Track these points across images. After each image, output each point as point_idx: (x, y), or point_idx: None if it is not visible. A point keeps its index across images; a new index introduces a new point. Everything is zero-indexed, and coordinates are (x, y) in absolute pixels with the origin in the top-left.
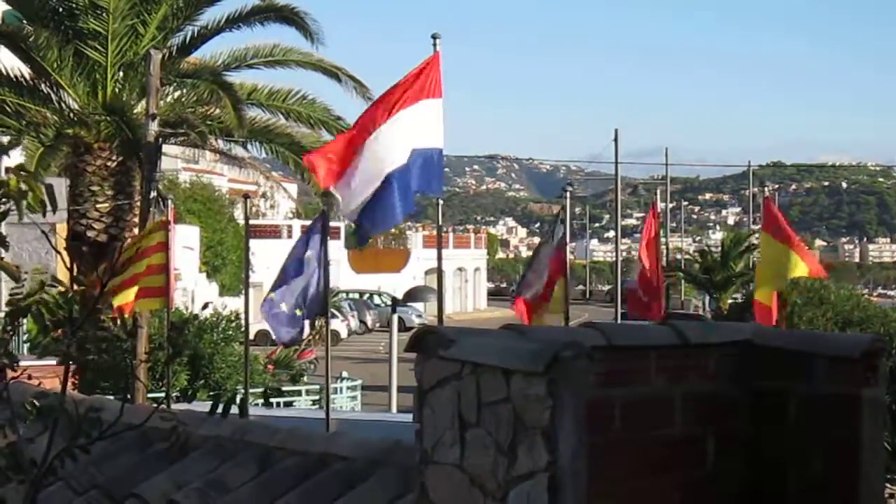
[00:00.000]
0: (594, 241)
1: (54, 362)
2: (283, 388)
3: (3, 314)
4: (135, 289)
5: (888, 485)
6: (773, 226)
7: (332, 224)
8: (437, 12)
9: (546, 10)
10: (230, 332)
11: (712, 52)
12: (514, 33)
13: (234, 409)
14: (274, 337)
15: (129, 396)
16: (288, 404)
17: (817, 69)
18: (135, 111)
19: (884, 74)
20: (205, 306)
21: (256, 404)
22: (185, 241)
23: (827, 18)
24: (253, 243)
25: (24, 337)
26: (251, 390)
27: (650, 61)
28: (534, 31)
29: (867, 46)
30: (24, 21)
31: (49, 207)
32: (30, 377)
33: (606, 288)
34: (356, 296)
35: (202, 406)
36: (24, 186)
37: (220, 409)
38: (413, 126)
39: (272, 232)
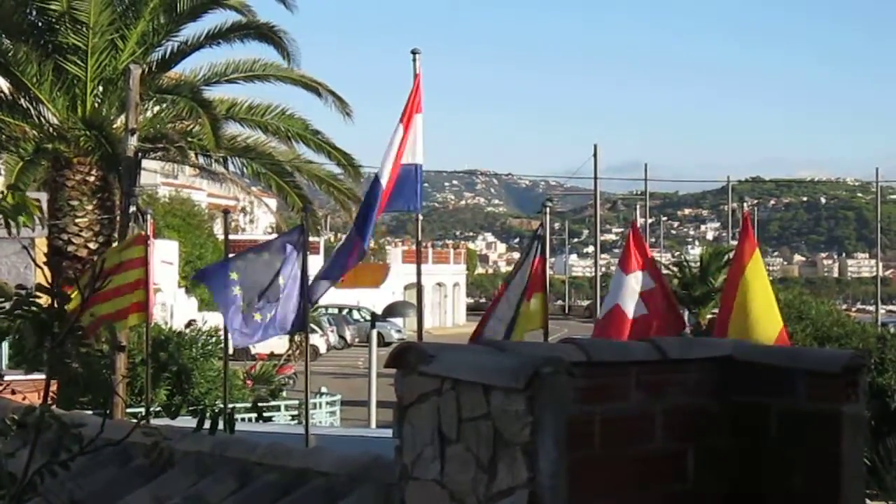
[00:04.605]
0: (573, 257)
1: (34, 377)
2: (263, 404)
3: None
4: (114, 304)
5: (868, 500)
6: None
7: (311, 239)
8: (414, 26)
9: (524, 25)
10: (209, 347)
11: (690, 67)
12: (492, 47)
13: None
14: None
15: (108, 411)
16: (267, 419)
17: (795, 85)
18: (114, 126)
19: (863, 91)
20: (188, 325)
21: (242, 419)
22: (164, 256)
23: (805, 35)
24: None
25: (8, 352)
26: (230, 405)
27: (629, 76)
28: (512, 45)
29: (846, 63)
30: (3, 35)
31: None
32: (13, 392)
33: (586, 303)
34: (335, 311)
35: (185, 422)
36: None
37: (206, 426)
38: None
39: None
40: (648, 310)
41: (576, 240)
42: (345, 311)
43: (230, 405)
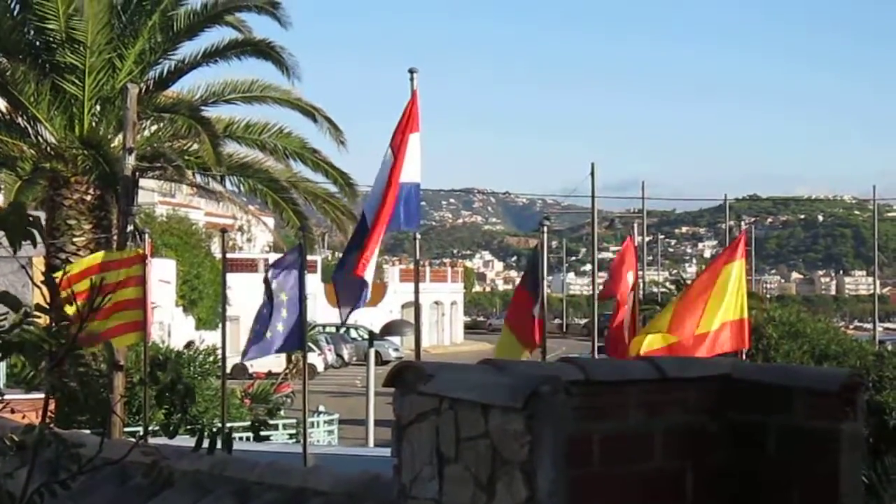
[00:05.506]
0: (570, 275)
1: (33, 396)
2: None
3: None
4: (112, 321)
5: None
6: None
7: (308, 258)
8: (411, 44)
9: (522, 43)
10: (207, 366)
11: (688, 83)
12: (489, 65)
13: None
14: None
15: (106, 430)
16: (265, 438)
17: (791, 103)
18: (112, 145)
19: (860, 108)
20: (187, 345)
21: (241, 438)
22: (162, 275)
23: (803, 50)
24: (230, 277)
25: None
26: (228, 424)
27: (626, 93)
28: (509, 63)
29: (843, 79)
30: (1, 55)
31: (38, 239)
32: (12, 411)
33: (583, 321)
34: (333, 329)
35: (183, 442)
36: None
37: (205, 445)
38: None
39: (249, 266)
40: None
41: (573, 258)
42: (342, 330)
43: (228, 424)
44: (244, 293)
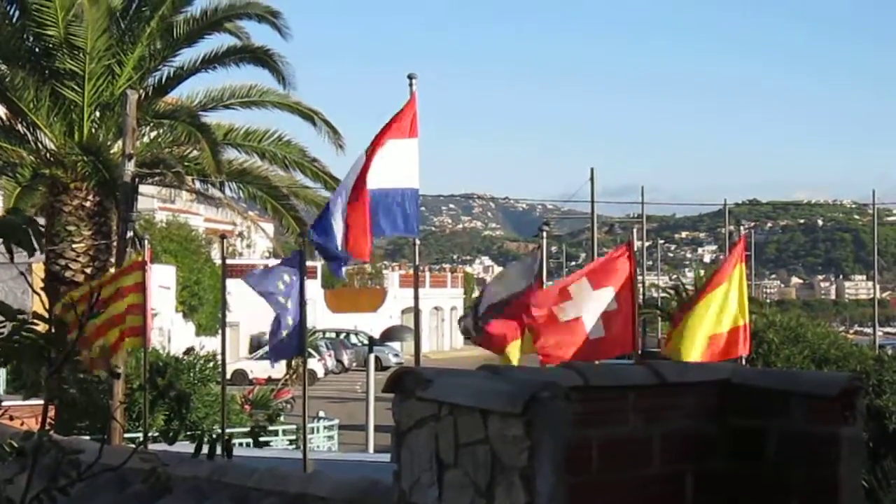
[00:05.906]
0: None
1: (32, 402)
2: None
3: None
4: (117, 330)
5: None
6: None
7: (308, 263)
8: (410, 48)
9: (522, 47)
10: (207, 372)
11: (688, 88)
12: (488, 71)
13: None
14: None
15: (105, 437)
16: (265, 444)
17: (791, 107)
18: (111, 151)
19: (860, 113)
20: (188, 351)
21: (240, 444)
22: (162, 281)
23: (803, 56)
24: (229, 283)
25: (6, 377)
26: (228, 430)
27: (625, 99)
28: (509, 68)
29: (843, 85)
30: (1, 61)
31: (36, 247)
32: (11, 417)
33: None
34: (333, 335)
35: (183, 447)
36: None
37: (204, 451)
38: (389, 165)
39: (249, 272)
40: (605, 332)
41: (573, 263)
42: (342, 336)
43: (228, 430)
44: (244, 299)
